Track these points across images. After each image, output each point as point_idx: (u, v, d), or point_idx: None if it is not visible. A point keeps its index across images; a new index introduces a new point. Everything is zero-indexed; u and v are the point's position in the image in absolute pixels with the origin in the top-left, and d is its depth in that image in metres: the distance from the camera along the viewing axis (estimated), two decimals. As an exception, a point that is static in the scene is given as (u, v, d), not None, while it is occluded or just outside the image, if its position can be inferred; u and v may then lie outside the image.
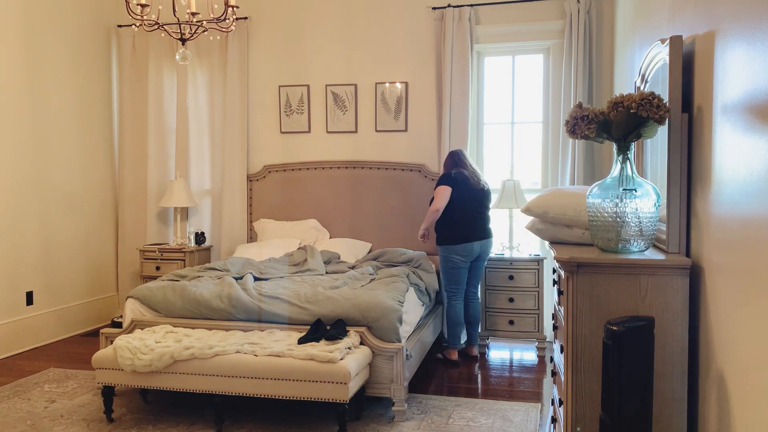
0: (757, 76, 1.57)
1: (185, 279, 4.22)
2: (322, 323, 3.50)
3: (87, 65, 5.57)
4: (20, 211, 4.88)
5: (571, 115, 2.28)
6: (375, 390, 3.45)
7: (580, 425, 2.23)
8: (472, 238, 4.39)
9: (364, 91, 5.46)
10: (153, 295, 3.91)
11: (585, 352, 2.20)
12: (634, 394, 1.80)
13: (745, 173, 1.65)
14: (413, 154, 5.36)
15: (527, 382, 4.16)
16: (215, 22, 4.02)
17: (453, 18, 5.05)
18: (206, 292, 3.85)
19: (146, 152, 5.80)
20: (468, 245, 4.39)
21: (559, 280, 2.63)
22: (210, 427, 3.35)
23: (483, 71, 5.34)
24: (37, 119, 5.03)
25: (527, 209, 2.84)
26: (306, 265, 4.62)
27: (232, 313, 3.72)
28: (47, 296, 5.15)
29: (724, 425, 1.82)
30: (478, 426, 3.37)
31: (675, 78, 2.22)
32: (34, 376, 4.24)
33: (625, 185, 2.21)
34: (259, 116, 5.70)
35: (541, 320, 4.76)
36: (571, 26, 4.85)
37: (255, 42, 5.65)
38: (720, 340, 1.89)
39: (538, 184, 5.28)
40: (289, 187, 5.58)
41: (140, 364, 3.26)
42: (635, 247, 2.24)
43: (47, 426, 3.40)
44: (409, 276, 4.27)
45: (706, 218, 2.04)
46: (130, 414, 3.56)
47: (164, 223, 5.85)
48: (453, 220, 4.37)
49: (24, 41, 4.91)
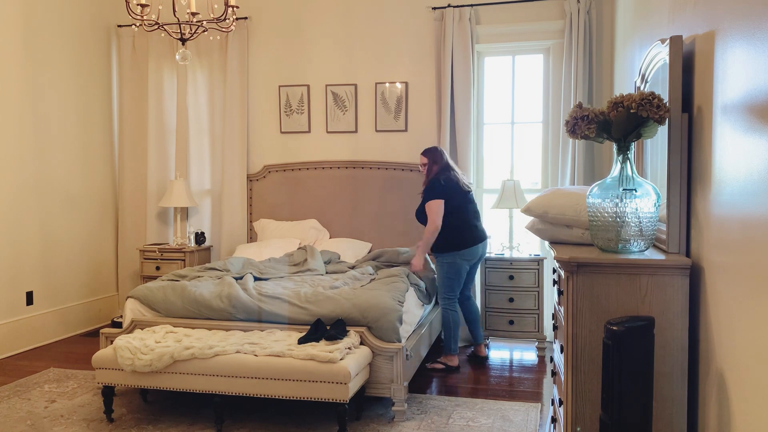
0: (757, 76, 1.57)
1: (185, 279, 4.22)
2: (322, 323, 3.50)
3: (87, 65, 5.57)
4: (20, 211, 4.88)
5: (571, 115, 2.28)
6: (375, 390, 3.45)
7: (580, 425, 2.23)
8: (476, 241, 4.36)
9: (364, 91, 5.46)
10: (153, 295, 3.91)
11: (585, 352, 2.21)
12: (634, 394, 1.80)
13: (745, 173, 1.65)
14: (413, 154, 5.35)
15: (527, 382, 4.16)
16: (215, 22, 4.02)
17: (453, 18, 5.05)
18: (206, 292, 3.85)
19: (146, 152, 5.80)
20: (474, 248, 4.34)
21: (559, 280, 2.63)
22: (210, 427, 3.35)
23: (483, 71, 5.34)
24: (37, 119, 5.03)
25: (527, 209, 2.84)
26: (306, 265, 4.62)
27: (232, 313, 3.72)
28: (47, 296, 5.15)
29: (724, 425, 1.81)
30: (478, 426, 3.37)
31: (675, 78, 2.22)
32: (34, 376, 4.24)
33: (625, 185, 2.21)
34: (259, 116, 5.70)
35: (541, 320, 4.76)
36: (571, 26, 4.85)
37: (255, 42, 5.65)
38: (720, 340, 1.89)
39: (538, 184, 5.28)
40: (289, 187, 5.58)
41: (140, 364, 3.26)
42: (635, 247, 2.24)
43: (47, 426, 3.40)
44: (409, 276, 4.27)
45: (706, 218, 2.04)
46: (130, 414, 3.56)
47: (164, 223, 5.85)
48: (454, 225, 4.28)
49: (24, 41, 4.91)
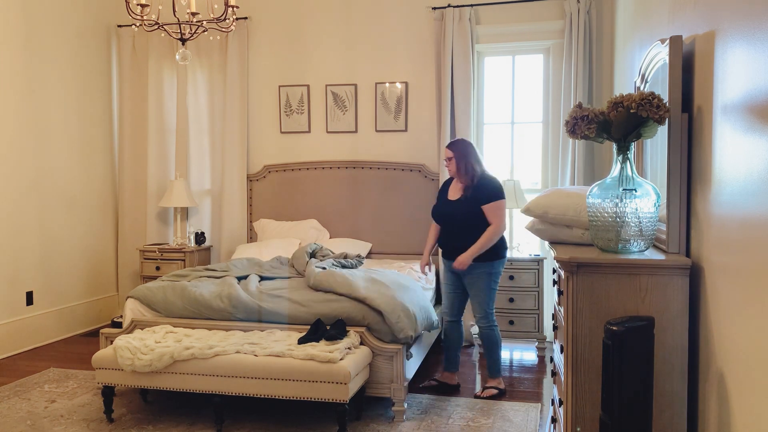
0: (757, 76, 1.57)
1: (185, 279, 4.21)
2: (322, 323, 3.49)
3: (87, 65, 5.57)
4: (21, 211, 4.88)
5: (571, 115, 2.28)
6: (375, 390, 3.45)
7: (580, 425, 2.23)
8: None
9: (364, 91, 5.46)
10: (153, 295, 3.91)
11: (585, 352, 2.20)
12: (634, 394, 1.80)
13: (745, 173, 1.65)
14: (413, 154, 5.36)
15: (527, 382, 4.16)
16: (215, 22, 4.02)
17: (453, 18, 5.05)
18: (206, 292, 3.84)
19: (146, 152, 5.80)
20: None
21: (559, 280, 2.63)
22: (210, 427, 3.35)
23: (483, 71, 5.34)
24: (37, 119, 5.03)
25: (527, 210, 2.84)
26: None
27: (232, 313, 3.72)
28: (47, 296, 5.15)
29: (724, 425, 1.81)
30: (478, 426, 3.37)
31: (675, 78, 2.22)
32: (34, 376, 4.24)
33: (625, 185, 2.21)
34: (259, 116, 5.70)
35: (541, 320, 4.76)
36: (571, 26, 4.85)
37: (255, 42, 5.65)
38: (720, 339, 1.89)
39: (538, 184, 5.28)
40: (289, 187, 5.58)
41: (140, 364, 3.26)
42: (635, 247, 2.24)
43: (47, 426, 3.40)
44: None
45: (706, 218, 2.04)
46: (130, 414, 3.56)
47: (164, 223, 5.85)
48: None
49: (24, 41, 4.90)
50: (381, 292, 3.62)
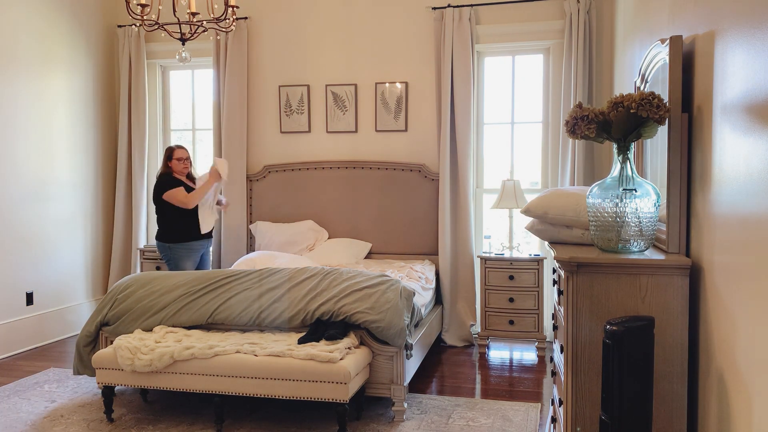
0: (757, 76, 1.57)
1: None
2: (322, 323, 3.49)
3: (87, 65, 5.57)
4: (20, 211, 4.88)
5: (571, 115, 2.28)
6: (375, 390, 3.45)
7: (580, 425, 2.23)
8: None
9: (364, 91, 5.46)
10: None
11: (585, 352, 2.20)
12: (634, 394, 1.80)
13: (745, 173, 1.66)
14: (413, 154, 5.36)
15: (527, 382, 4.16)
16: (215, 22, 4.02)
17: (453, 18, 5.05)
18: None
19: (146, 152, 5.79)
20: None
21: (559, 280, 2.63)
22: (210, 427, 3.35)
23: (483, 71, 5.34)
24: (36, 119, 5.03)
25: (527, 210, 2.83)
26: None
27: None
28: (47, 296, 5.15)
29: (724, 425, 1.82)
30: (478, 426, 3.37)
31: (675, 78, 2.22)
32: (34, 376, 4.24)
33: (625, 185, 2.21)
34: (259, 116, 5.70)
35: (541, 320, 4.76)
36: (571, 26, 4.85)
37: (255, 42, 5.65)
38: (720, 339, 1.89)
39: (538, 184, 5.28)
40: (289, 187, 5.58)
41: (140, 364, 3.26)
42: (635, 247, 2.24)
43: (47, 426, 3.40)
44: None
45: (706, 218, 2.04)
46: (130, 414, 3.56)
47: (164, 223, 5.84)
48: None
49: (24, 41, 4.90)
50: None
